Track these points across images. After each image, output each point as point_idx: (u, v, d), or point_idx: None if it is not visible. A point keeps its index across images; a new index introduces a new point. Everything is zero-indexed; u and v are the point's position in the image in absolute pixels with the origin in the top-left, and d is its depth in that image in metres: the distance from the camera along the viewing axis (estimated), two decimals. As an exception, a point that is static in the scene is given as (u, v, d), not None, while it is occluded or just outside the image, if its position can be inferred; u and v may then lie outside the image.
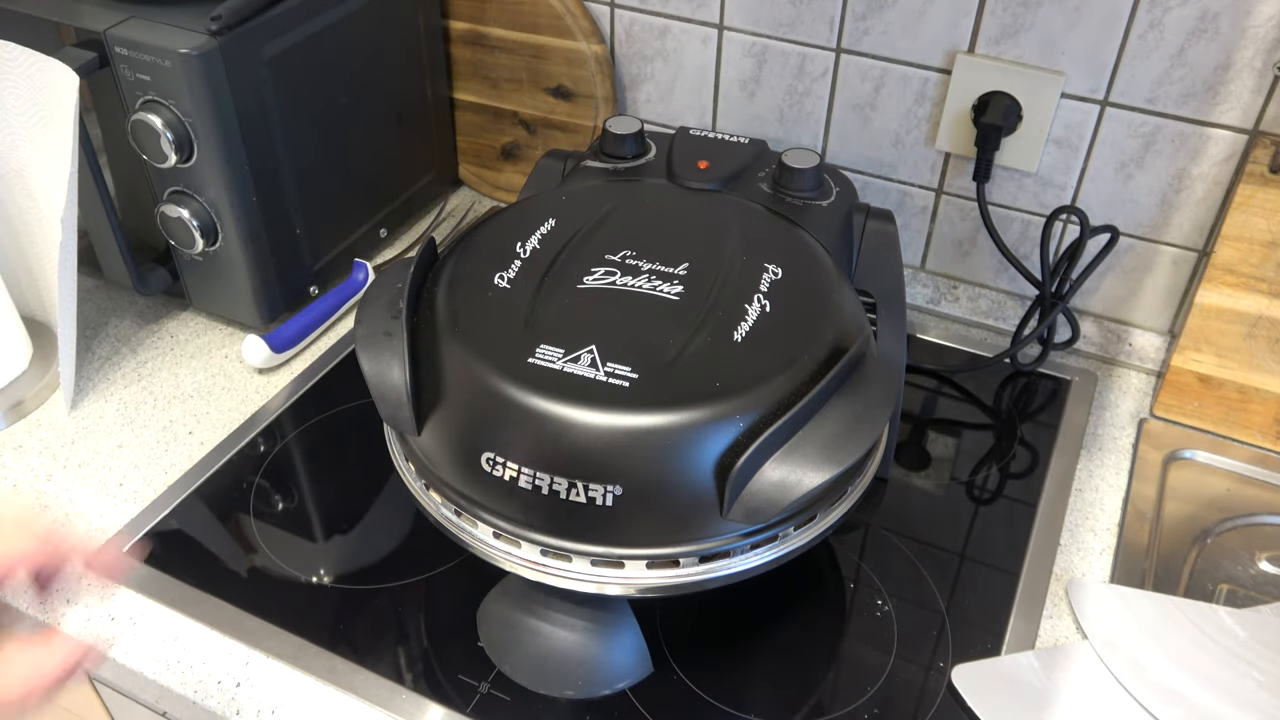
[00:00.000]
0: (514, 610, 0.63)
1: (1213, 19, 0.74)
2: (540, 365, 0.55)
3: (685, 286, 0.61)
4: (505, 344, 0.56)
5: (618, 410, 0.52)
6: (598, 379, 0.54)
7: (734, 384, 0.54)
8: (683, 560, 0.55)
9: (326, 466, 0.80)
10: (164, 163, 0.79)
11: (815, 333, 0.58)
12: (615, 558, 0.54)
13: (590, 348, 0.56)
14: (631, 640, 0.62)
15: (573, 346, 0.56)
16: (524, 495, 0.54)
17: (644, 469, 0.52)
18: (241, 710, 0.62)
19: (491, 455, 0.54)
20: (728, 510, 0.52)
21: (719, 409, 0.53)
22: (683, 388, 0.54)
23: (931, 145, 0.88)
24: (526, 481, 0.53)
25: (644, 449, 0.52)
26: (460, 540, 0.58)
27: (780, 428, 0.52)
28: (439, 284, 0.61)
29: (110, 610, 0.68)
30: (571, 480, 0.52)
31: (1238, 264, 0.78)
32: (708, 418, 0.52)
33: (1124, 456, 0.81)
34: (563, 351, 0.56)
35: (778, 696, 0.63)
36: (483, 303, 0.59)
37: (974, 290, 0.95)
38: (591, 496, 0.52)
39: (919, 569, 0.71)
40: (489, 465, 0.54)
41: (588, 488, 0.52)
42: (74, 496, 0.76)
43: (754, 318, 0.58)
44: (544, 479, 0.53)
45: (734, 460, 0.51)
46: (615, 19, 0.95)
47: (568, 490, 0.52)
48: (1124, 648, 0.65)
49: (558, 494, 0.53)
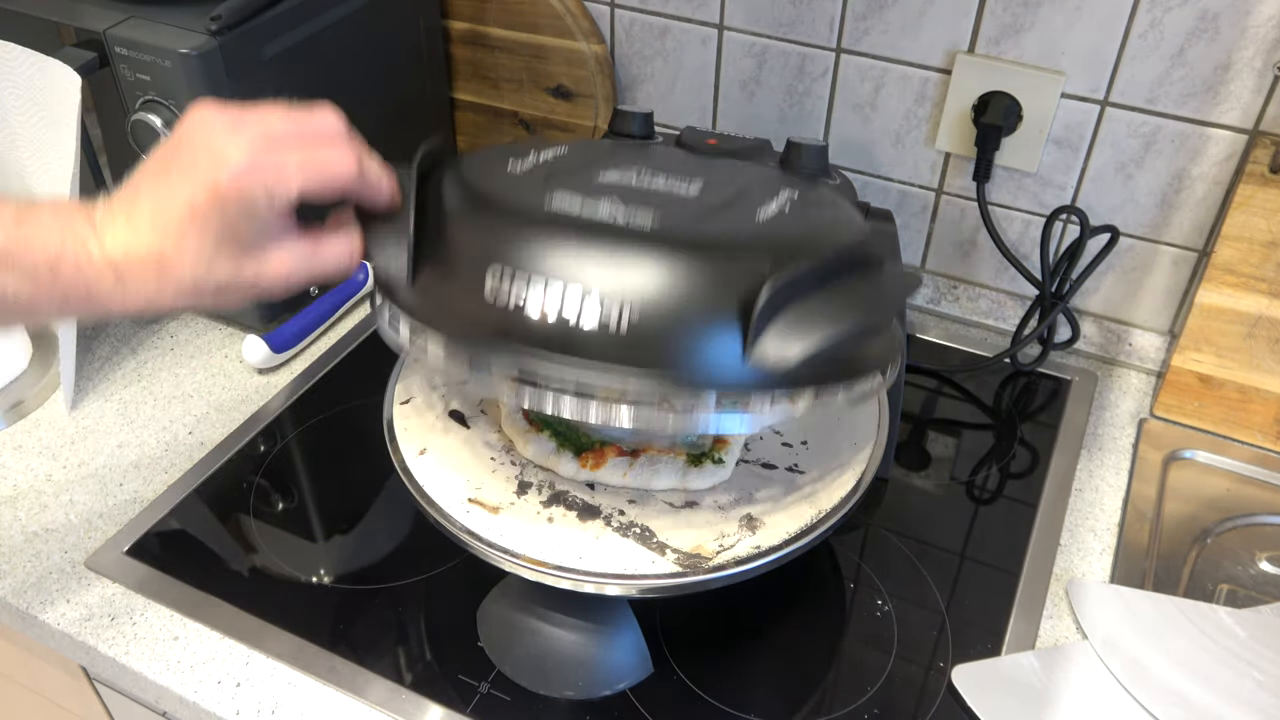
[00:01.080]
0: (514, 610, 0.63)
1: (1213, 19, 0.74)
2: (558, 210, 0.51)
3: (703, 189, 0.58)
4: (520, 196, 0.53)
5: (639, 239, 0.49)
6: (618, 220, 0.51)
7: (760, 241, 0.51)
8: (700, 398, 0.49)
9: (326, 466, 0.80)
10: (164, 163, 0.79)
11: (835, 225, 0.56)
12: (625, 396, 0.49)
13: (612, 197, 0.53)
14: (631, 640, 0.62)
15: (592, 196, 0.53)
16: (529, 323, 0.49)
17: (664, 292, 0.48)
18: (241, 710, 0.62)
19: (500, 266, 0.49)
20: (751, 347, 0.48)
21: (746, 253, 0.50)
22: (708, 234, 0.51)
23: (931, 145, 0.88)
24: (536, 301, 0.48)
25: (666, 274, 0.48)
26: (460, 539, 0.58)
27: (805, 274, 0.49)
28: (448, 165, 0.58)
29: (110, 610, 0.68)
30: (586, 289, 0.47)
31: (1238, 264, 0.78)
32: (735, 256, 0.50)
33: (1124, 456, 0.81)
34: (581, 199, 0.52)
35: (778, 696, 0.63)
36: (495, 176, 0.56)
37: (974, 290, 0.95)
38: (605, 322, 0.48)
39: (919, 569, 0.71)
40: (495, 278, 0.49)
41: (603, 301, 0.47)
42: (74, 496, 0.76)
43: (774, 210, 0.56)
44: (555, 288, 0.48)
45: (757, 298, 0.48)
46: (615, 19, 0.95)
47: (580, 303, 0.48)
48: (1124, 648, 0.65)
49: (567, 321, 0.48)
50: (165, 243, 0.48)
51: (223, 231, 0.48)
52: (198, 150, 0.48)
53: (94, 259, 0.47)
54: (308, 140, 0.50)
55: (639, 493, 0.62)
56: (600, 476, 0.62)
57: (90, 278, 0.47)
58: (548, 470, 0.63)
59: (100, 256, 0.47)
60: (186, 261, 0.48)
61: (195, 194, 0.47)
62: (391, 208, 0.55)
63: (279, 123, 0.50)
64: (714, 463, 0.63)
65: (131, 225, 0.48)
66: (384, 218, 0.54)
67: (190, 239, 0.48)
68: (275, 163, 0.48)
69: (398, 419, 0.67)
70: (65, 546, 0.72)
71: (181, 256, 0.48)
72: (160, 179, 0.49)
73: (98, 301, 0.48)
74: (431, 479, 0.62)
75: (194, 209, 0.47)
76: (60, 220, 0.48)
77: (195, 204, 0.47)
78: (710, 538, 0.59)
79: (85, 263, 0.47)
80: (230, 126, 0.49)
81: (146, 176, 0.49)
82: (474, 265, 0.50)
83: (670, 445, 0.63)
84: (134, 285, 0.48)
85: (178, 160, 0.49)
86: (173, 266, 0.48)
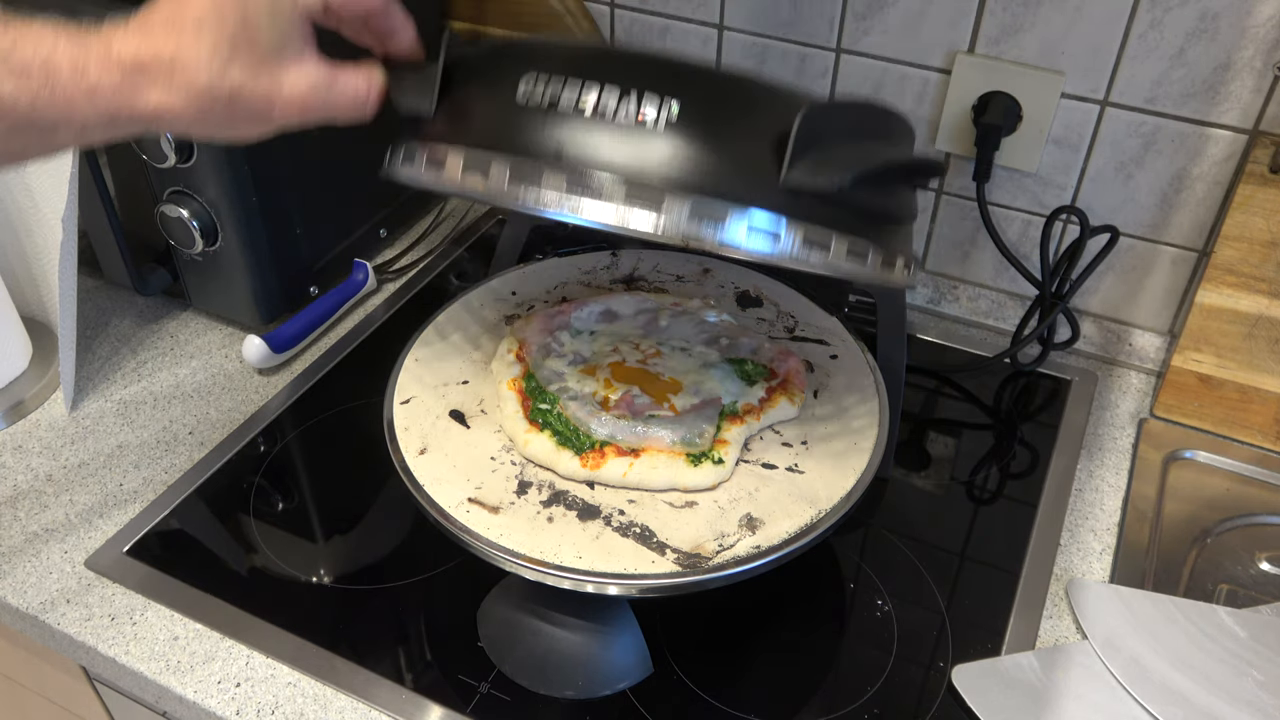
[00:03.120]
0: (514, 610, 0.64)
1: (1213, 19, 0.74)
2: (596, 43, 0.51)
3: None
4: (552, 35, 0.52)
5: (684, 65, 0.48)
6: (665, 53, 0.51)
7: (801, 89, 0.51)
8: (731, 217, 0.47)
9: (326, 466, 0.80)
10: (164, 163, 0.79)
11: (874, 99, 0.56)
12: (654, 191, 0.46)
13: None
14: (631, 640, 0.62)
15: None
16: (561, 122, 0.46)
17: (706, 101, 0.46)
18: (241, 710, 0.62)
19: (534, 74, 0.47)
20: (789, 168, 0.47)
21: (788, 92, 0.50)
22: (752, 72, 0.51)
23: (931, 145, 0.88)
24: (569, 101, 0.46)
25: (709, 88, 0.47)
26: (460, 539, 0.58)
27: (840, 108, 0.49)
28: None
29: (110, 610, 0.68)
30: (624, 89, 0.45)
31: (1238, 264, 0.78)
32: (776, 91, 0.50)
33: (1124, 456, 0.81)
34: None
35: (778, 696, 0.63)
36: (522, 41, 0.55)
37: (974, 290, 0.95)
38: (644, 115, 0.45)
39: (919, 569, 0.71)
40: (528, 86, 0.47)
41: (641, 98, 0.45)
42: (74, 496, 0.76)
43: None
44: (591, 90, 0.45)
45: (793, 120, 0.47)
46: (615, 19, 0.95)
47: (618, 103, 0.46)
48: (1124, 648, 0.65)
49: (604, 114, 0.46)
50: (181, 39, 0.46)
51: (240, 31, 0.47)
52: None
53: (94, 56, 0.45)
54: None
55: (639, 493, 0.62)
56: (600, 476, 0.62)
57: (93, 78, 0.45)
58: (548, 470, 0.63)
59: (103, 54, 0.46)
60: (201, 61, 0.46)
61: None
62: (413, 56, 0.53)
63: None
64: (714, 463, 0.63)
65: (144, 27, 0.46)
66: (408, 65, 0.53)
67: (206, 35, 0.46)
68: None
69: (398, 419, 0.67)
70: (65, 546, 0.72)
71: (196, 55, 0.46)
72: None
73: (101, 106, 0.46)
74: (431, 479, 0.62)
75: (215, 3, 0.46)
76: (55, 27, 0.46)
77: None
78: (710, 538, 0.59)
79: (85, 59, 0.45)
80: None
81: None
82: (505, 78, 0.48)
83: (670, 445, 0.63)
84: (142, 88, 0.46)
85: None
86: (185, 66, 0.46)
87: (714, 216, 0.47)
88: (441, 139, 0.51)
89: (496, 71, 0.50)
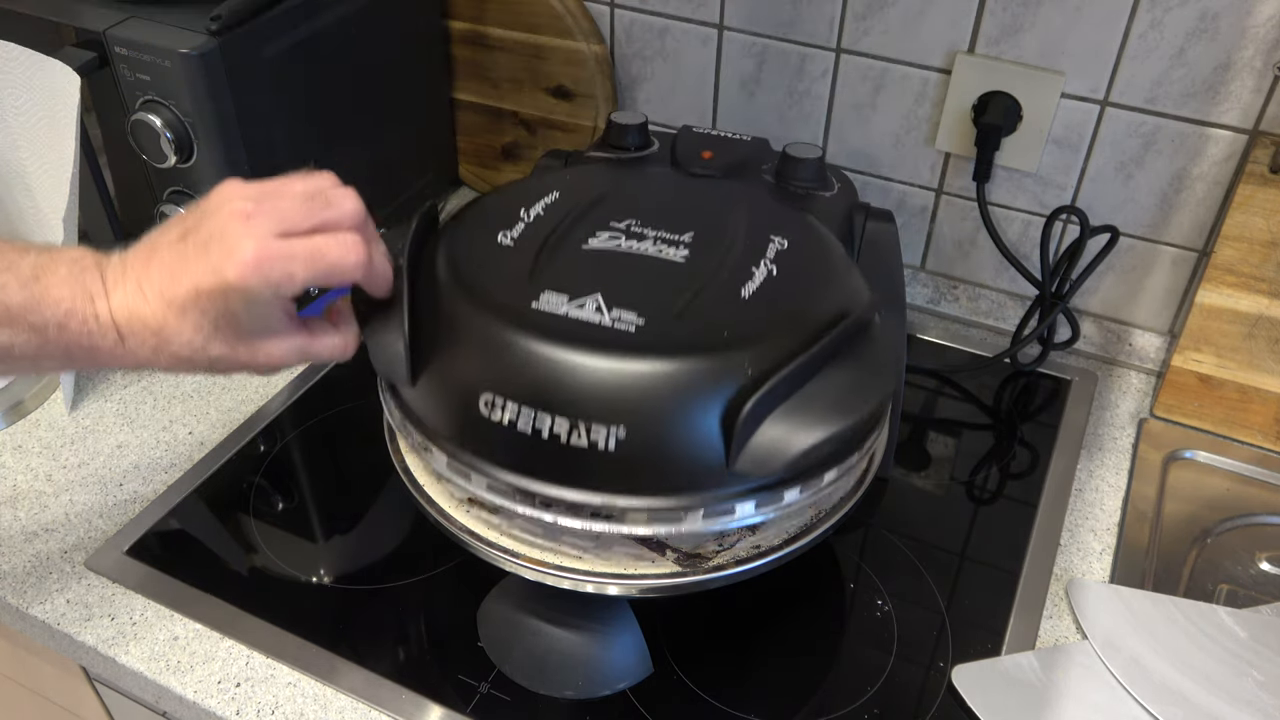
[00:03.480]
0: (514, 610, 0.63)
1: (1213, 19, 0.74)
2: (544, 310, 0.53)
3: (691, 252, 0.59)
4: (508, 292, 0.55)
5: (623, 352, 0.51)
6: (603, 323, 0.52)
7: (742, 334, 0.52)
8: (686, 515, 0.52)
9: (326, 466, 0.80)
10: (164, 163, 0.79)
11: (823, 295, 0.56)
12: (617, 509, 0.52)
13: (595, 295, 0.54)
14: (631, 640, 0.62)
15: (578, 294, 0.54)
16: (523, 441, 0.51)
17: (649, 411, 0.50)
18: (241, 710, 0.62)
19: (490, 396, 0.52)
20: (735, 460, 0.50)
21: (727, 356, 0.51)
22: (690, 335, 0.52)
23: (931, 145, 0.88)
24: (526, 423, 0.51)
25: (650, 391, 0.50)
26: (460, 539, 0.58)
27: (788, 376, 0.50)
28: (440, 242, 0.60)
29: (110, 610, 0.68)
30: (574, 421, 0.50)
31: (1238, 264, 0.78)
32: (715, 363, 0.51)
33: (1124, 456, 0.81)
34: (567, 298, 0.54)
35: (778, 696, 0.63)
36: (485, 258, 0.58)
37: (974, 290, 0.95)
38: (594, 440, 0.50)
39: (919, 569, 0.71)
40: (487, 407, 0.52)
41: (590, 429, 0.50)
42: (74, 496, 0.76)
43: (761, 279, 0.57)
44: (545, 420, 0.50)
45: (740, 407, 0.50)
46: (615, 19, 0.95)
47: (569, 432, 0.50)
48: (1124, 648, 0.65)
49: (558, 438, 0.50)
50: (168, 315, 0.50)
51: (222, 318, 0.50)
52: (213, 234, 0.50)
53: (100, 318, 0.50)
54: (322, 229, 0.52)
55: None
56: None
57: (95, 335, 0.50)
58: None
59: (106, 316, 0.50)
60: (184, 338, 0.50)
61: (202, 279, 0.49)
62: (392, 294, 0.56)
63: (296, 211, 0.51)
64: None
65: (140, 292, 0.50)
66: (382, 309, 0.56)
67: (190, 318, 0.50)
68: (284, 260, 0.49)
69: (398, 419, 0.67)
70: (65, 546, 0.72)
71: (181, 332, 0.50)
72: (176, 252, 0.50)
73: (98, 358, 0.51)
74: (431, 479, 0.62)
75: (199, 293, 0.49)
76: (74, 275, 0.50)
77: (200, 289, 0.49)
78: (710, 538, 0.59)
79: (91, 321, 0.50)
80: (246, 214, 0.50)
81: (164, 243, 0.51)
82: (468, 388, 0.53)
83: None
84: (133, 347, 0.51)
85: (195, 236, 0.50)
86: (171, 338, 0.50)
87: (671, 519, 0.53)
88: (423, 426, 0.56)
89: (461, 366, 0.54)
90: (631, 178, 0.69)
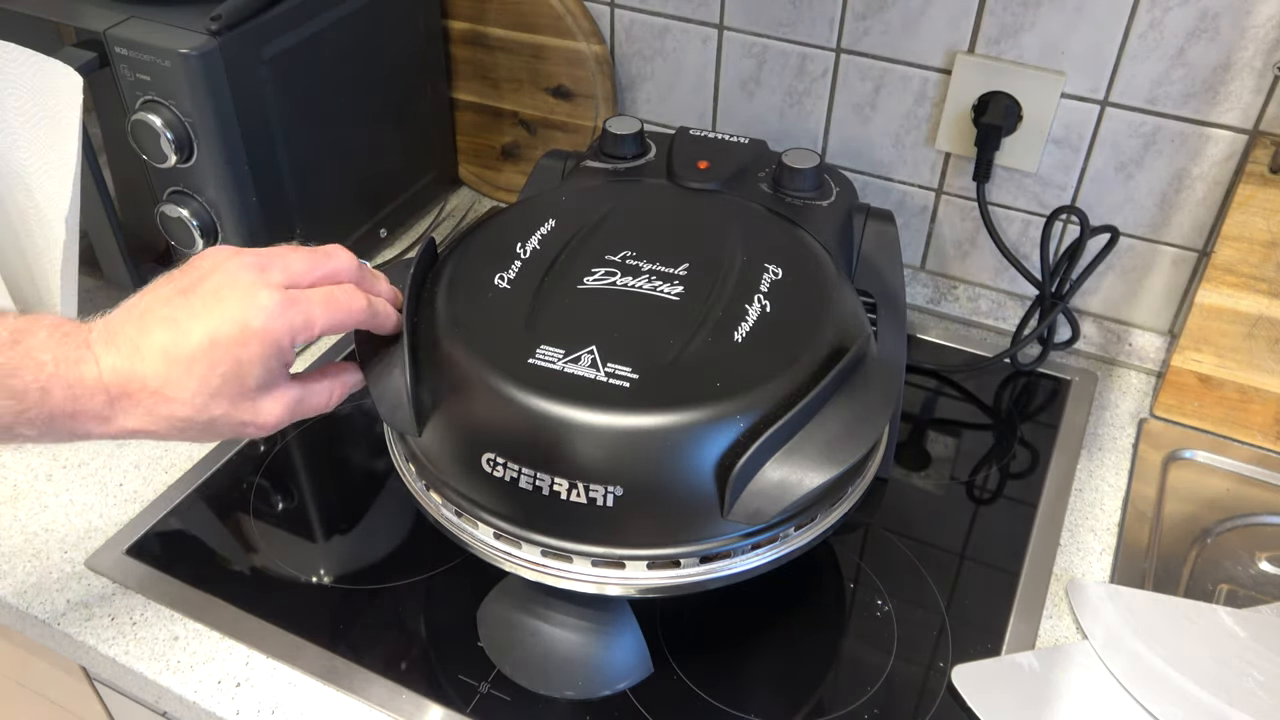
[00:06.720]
0: (514, 610, 0.63)
1: (1213, 19, 0.74)
2: (541, 366, 0.55)
3: (685, 287, 0.61)
4: (506, 345, 0.56)
5: (618, 411, 0.53)
6: (598, 379, 0.54)
7: (734, 384, 0.54)
8: (684, 561, 0.54)
9: (326, 466, 0.80)
10: (164, 163, 0.79)
11: (815, 333, 0.58)
12: (616, 558, 0.54)
13: (590, 348, 0.56)
14: (631, 640, 0.62)
15: (573, 347, 0.56)
16: (524, 496, 0.54)
17: (644, 470, 0.52)
18: (241, 710, 0.62)
19: (492, 456, 0.54)
20: (728, 511, 0.52)
21: (719, 409, 0.53)
22: (683, 388, 0.54)
23: (931, 145, 0.88)
24: (527, 482, 0.53)
25: (644, 450, 0.52)
26: (461, 541, 0.58)
27: (781, 428, 0.52)
28: (439, 285, 0.61)
29: (110, 610, 0.68)
30: (572, 481, 0.52)
31: (1238, 264, 0.78)
32: (708, 418, 0.52)
33: (1124, 456, 0.81)
34: (563, 352, 0.56)
35: (778, 696, 0.63)
36: (483, 303, 0.60)
37: (974, 290, 0.95)
38: (592, 497, 0.52)
39: (919, 569, 0.71)
40: (489, 466, 0.54)
41: (588, 488, 0.52)
42: (74, 497, 0.76)
43: (754, 318, 0.58)
44: (544, 480, 0.53)
45: (734, 461, 0.51)
46: (615, 19, 0.95)
47: (568, 491, 0.52)
48: (1124, 648, 0.65)
49: (558, 495, 0.53)
50: (172, 371, 0.48)
51: (232, 373, 0.49)
52: (223, 285, 0.49)
53: (86, 382, 0.47)
54: (325, 281, 0.52)
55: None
56: None
57: (80, 399, 0.47)
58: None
59: (95, 379, 0.47)
60: (186, 397, 0.48)
61: (219, 328, 0.48)
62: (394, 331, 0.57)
63: (300, 264, 0.52)
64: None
65: (138, 351, 0.48)
66: (385, 353, 0.57)
67: (197, 372, 0.48)
68: (304, 306, 0.50)
69: (398, 420, 0.67)
70: (65, 546, 0.72)
71: (183, 390, 0.48)
72: (179, 306, 0.49)
73: (80, 425, 0.48)
74: (431, 479, 0.62)
75: (214, 343, 0.48)
76: (55, 340, 0.47)
77: (217, 338, 0.48)
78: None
79: (77, 385, 0.47)
80: (257, 269, 0.50)
81: (159, 301, 0.50)
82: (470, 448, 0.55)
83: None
84: (124, 412, 0.48)
85: (199, 294, 0.49)
86: (170, 399, 0.48)
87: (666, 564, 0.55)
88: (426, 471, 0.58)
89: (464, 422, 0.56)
90: (627, 199, 0.70)
